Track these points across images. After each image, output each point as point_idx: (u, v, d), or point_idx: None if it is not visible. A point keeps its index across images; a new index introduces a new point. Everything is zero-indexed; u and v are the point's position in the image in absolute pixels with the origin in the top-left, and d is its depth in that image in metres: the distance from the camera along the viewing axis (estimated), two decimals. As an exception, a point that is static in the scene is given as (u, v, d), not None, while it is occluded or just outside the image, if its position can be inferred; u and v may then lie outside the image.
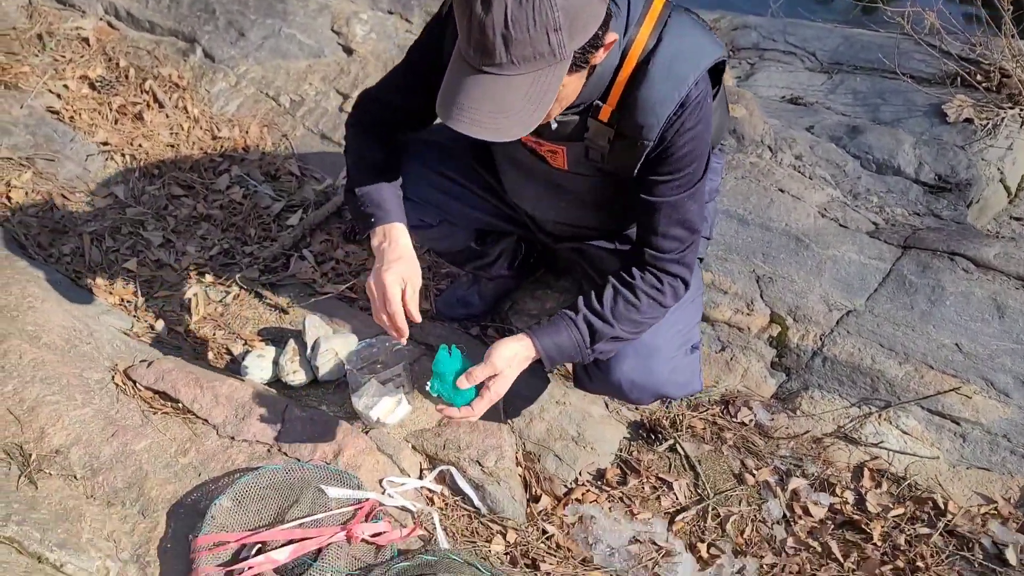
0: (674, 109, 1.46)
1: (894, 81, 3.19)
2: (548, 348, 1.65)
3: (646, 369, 1.78)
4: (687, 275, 1.69)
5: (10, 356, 1.93)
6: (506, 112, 1.29)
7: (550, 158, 1.70)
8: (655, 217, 1.60)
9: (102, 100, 3.03)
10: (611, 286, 1.67)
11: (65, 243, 2.52)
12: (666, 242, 1.63)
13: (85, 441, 1.83)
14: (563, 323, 1.66)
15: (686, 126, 1.49)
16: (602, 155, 1.59)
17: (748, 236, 2.52)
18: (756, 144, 2.80)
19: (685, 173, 1.55)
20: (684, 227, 1.62)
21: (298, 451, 1.90)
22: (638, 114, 1.47)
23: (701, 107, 1.49)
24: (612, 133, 1.54)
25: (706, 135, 1.54)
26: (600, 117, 1.53)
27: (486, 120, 1.29)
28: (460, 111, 1.29)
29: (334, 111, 3.06)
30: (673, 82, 1.45)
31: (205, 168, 2.89)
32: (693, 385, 1.90)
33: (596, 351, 1.68)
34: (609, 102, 1.50)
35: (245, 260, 2.57)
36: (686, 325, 1.86)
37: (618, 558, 1.89)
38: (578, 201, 1.80)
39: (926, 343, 2.24)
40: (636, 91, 1.46)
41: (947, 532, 1.94)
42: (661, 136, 1.49)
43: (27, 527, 1.63)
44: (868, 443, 2.12)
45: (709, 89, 1.52)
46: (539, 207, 1.90)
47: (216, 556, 1.61)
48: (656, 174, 1.56)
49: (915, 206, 2.67)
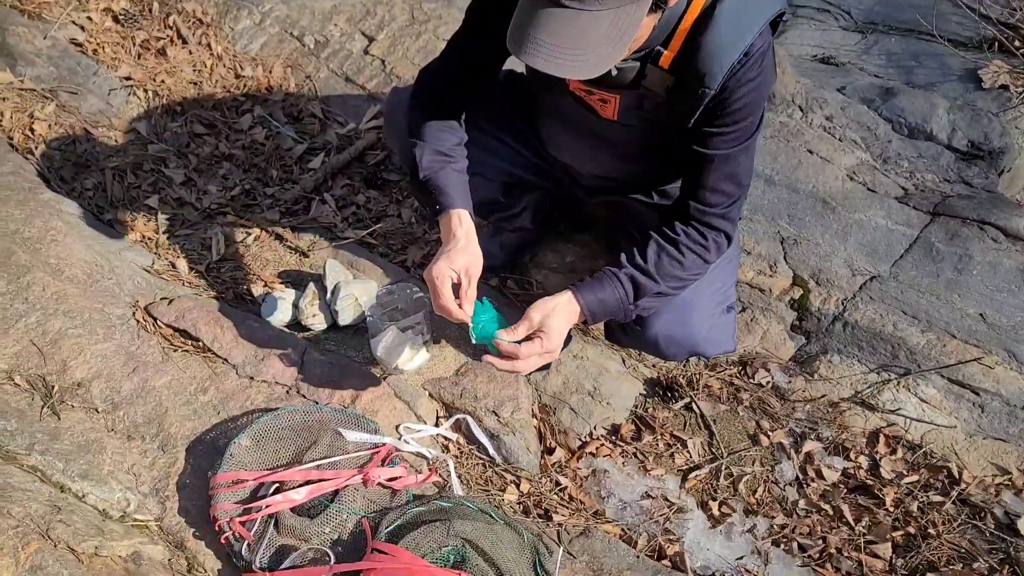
0: (738, 58, 1.43)
1: (930, 43, 3.12)
2: (591, 304, 1.63)
3: (683, 325, 1.77)
4: (731, 230, 1.67)
5: (33, 288, 1.94)
6: (585, 49, 1.26)
7: (599, 108, 1.67)
8: (705, 170, 1.58)
9: (125, 34, 3.00)
10: (654, 241, 1.65)
11: (88, 177, 2.51)
12: (714, 196, 1.61)
13: (106, 375, 1.84)
14: (607, 279, 1.64)
15: (747, 76, 1.46)
16: (657, 104, 1.56)
17: (774, 196, 2.49)
18: (786, 103, 2.75)
19: (741, 126, 1.53)
20: (733, 181, 1.60)
21: (316, 394, 1.91)
22: (701, 61, 1.44)
23: (763, 58, 1.46)
24: (672, 80, 1.51)
25: (764, 88, 1.51)
26: (661, 63, 1.49)
27: (563, 57, 1.25)
28: (536, 45, 1.25)
29: (359, 53, 3.01)
30: (738, 31, 1.42)
31: (228, 107, 2.86)
32: (727, 345, 1.90)
33: (639, 307, 1.67)
34: (671, 48, 1.47)
35: (266, 201, 2.56)
36: (724, 284, 1.85)
37: (630, 512, 1.90)
38: (621, 153, 1.78)
39: (950, 312, 2.22)
40: (700, 37, 1.43)
41: (960, 501, 1.94)
42: (723, 85, 1.46)
43: (50, 457, 1.66)
44: (885, 410, 2.11)
45: (771, 41, 1.49)
46: (578, 159, 1.88)
47: (234, 493, 1.63)
48: (711, 125, 1.53)
49: (946, 172, 2.62)
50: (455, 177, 1.71)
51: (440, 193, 1.68)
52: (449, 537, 1.55)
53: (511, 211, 2.15)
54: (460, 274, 1.61)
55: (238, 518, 1.58)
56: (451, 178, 1.69)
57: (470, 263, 1.63)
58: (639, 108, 1.61)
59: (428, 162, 1.71)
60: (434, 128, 1.74)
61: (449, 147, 1.74)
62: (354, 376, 1.95)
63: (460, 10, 3.06)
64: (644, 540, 1.84)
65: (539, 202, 2.19)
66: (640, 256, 1.65)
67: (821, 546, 1.85)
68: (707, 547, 1.86)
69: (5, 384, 1.78)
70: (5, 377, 1.79)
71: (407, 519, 1.60)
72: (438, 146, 1.73)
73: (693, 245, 1.64)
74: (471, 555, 1.53)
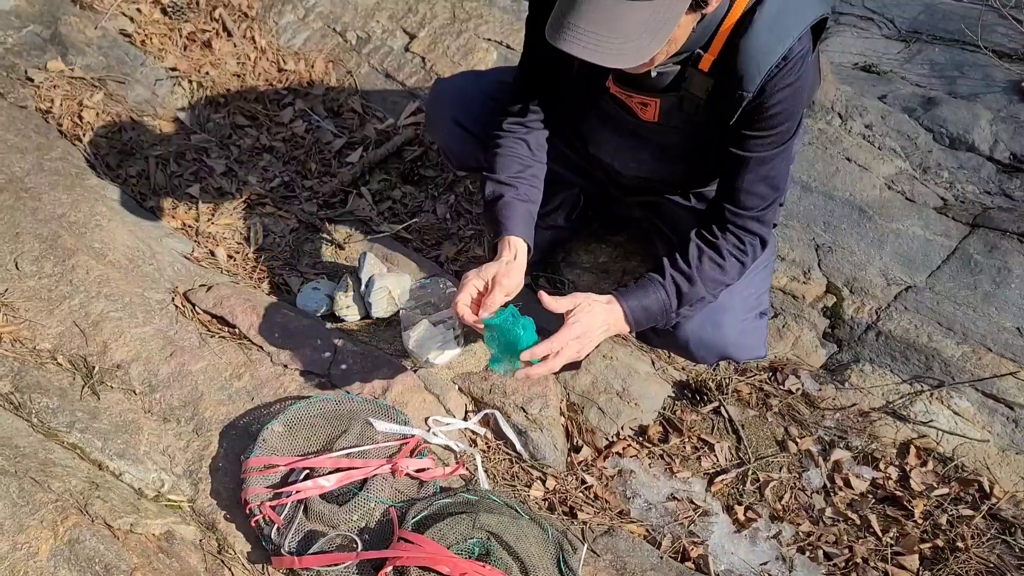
0: (776, 61, 1.43)
1: (974, 54, 3.08)
2: (635, 311, 1.62)
3: (715, 328, 1.77)
4: (766, 234, 1.67)
5: (78, 271, 1.99)
6: (624, 38, 1.26)
7: (639, 111, 1.68)
8: (741, 172, 1.58)
9: (173, 26, 3.06)
10: (695, 246, 1.64)
11: (132, 165, 2.57)
12: (748, 198, 1.61)
13: (145, 358, 1.89)
14: (651, 285, 1.63)
15: (785, 81, 1.46)
16: (697, 107, 1.57)
17: (810, 203, 2.48)
18: (826, 110, 2.73)
19: (778, 130, 1.53)
20: (768, 184, 1.60)
21: (348, 384, 1.94)
22: (740, 64, 1.45)
23: (802, 63, 1.46)
24: (711, 83, 1.51)
25: (803, 93, 1.51)
26: (701, 66, 1.50)
27: (600, 44, 1.26)
28: (574, 32, 1.26)
29: (399, 50, 3.05)
30: (777, 34, 1.42)
31: (270, 100, 2.91)
32: (758, 350, 1.89)
33: (680, 314, 1.67)
34: (711, 51, 1.48)
35: (304, 194, 2.60)
36: (757, 289, 1.85)
37: (655, 513, 1.91)
38: (661, 154, 1.78)
39: (986, 325, 2.19)
40: (739, 40, 1.44)
41: (990, 515, 1.92)
42: (760, 88, 1.46)
43: (89, 435, 1.70)
44: (917, 421, 2.09)
45: (811, 46, 1.49)
46: (619, 158, 1.88)
47: (265, 478, 1.66)
48: (749, 128, 1.54)
49: (987, 184, 2.59)
50: (513, 206, 1.71)
51: (496, 222, 1.70)
52: (475, 530, 1.57)
53: (545, 209, 2.15)
54: (487, 282, 1.61)
55: (268, 502, 1.61)
56: (509, 208, 1.71)
57: (500, 275, 1.61)
58: (679, 110, 1.61)
59: (489, 191, 1.74)
60: (500, 156, 1.77)
61: (510, 175, 1.75)
62: (385, 368, 1.97)
63: (501, 9, 3.10)
64: (668, 541, 1.84)
65: (573, 200, 2.20)
66: (683, 260, 1.64)
67: (847, 555, 1.84)
68: (731, 551, 1.85)
69: (48, 363, 1.83)
70: (49, 356, 1.84)
71: (433, 510, 1.62)
72: (500, 175, 1.75)
73: (733, 250, 1.63)
74: (495, 548, 1.55)
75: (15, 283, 1.94)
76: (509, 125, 1.81)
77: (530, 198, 1.76)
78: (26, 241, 2.03)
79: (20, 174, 2.22)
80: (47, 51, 2.76)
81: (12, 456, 1.54)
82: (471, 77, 2.14)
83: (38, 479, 1.50)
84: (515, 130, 1.80)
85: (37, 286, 1.95)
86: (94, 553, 1.43)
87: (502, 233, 1.68)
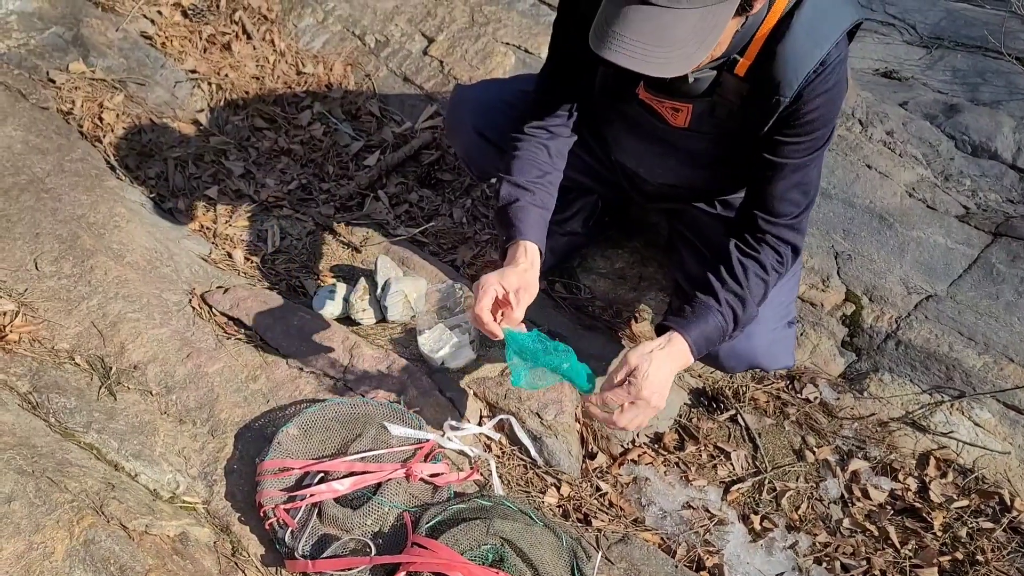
0: (814, 67, 1.42)
1: (996, 61, 3.05)
2: (698, 342, 1.57)
3: (747, 338, 1.74)
4: (799, 242, 1.65)
5: (96, 272, 2.00)
6: (669, 46, 1.24)
7: (670, 116, 1.66)
8: (775, 179, 1.57)
9: (193, 28, 3.08)
10: (738, 261, 1.60)
11: (151, 167, 2.58)
12: (783, 205, 1.59)
13: (162, 359, 1.89)
14: (708, 313, 1.58)
15: (823, 87, 1.45)
16: (730, 112, 1.56)
17: (830, 210, 2.46)
18: (846, 117, 2.71)
19: (813, 136, 1.52)
20: (801, 191, 1.58)
21: (363, 387, 1.93)
22: (777, 69, 1.43)
23: (839, 69, 1.45)
24: (747, 89, 1.50)
25: (839, 100, 1.50)
26: (736, 71, 1.49)
27: (647, 54, 1.24)
28: (620, 42, 1.24)
29: (418, 54, 3.05)
30: (815, 40, 1.41)
31: (288, 103, 2.92)
32: (786, 360, 1.87)
33: (734, 336, 1.64)
34: (747, 56, 1.47)
35: (322, 196, 2.61)
36: (786, 298, 1.83)
37: (670, 521, 1.89)
38: (690, 161, 1.77)
39: (1009, 335, 2.16)
40: (776, 46, 1.42)
41: (1011, 528, 1.90)
42: (797, 95, 1.45)
43: (106, 436, 1.71)
44: (937, 432, 2.07)
45: (847, 52, 1.48)
46: (645, 164, 1.87)
47: (280, 481, 1.66)
48: (783, 135, 1.52)
49: (1009, 192, 2.56)
50: (529, 211, 1.69)
51: (510, 225, 1.68)
52: (488, 536, 1.56)
53: (563, 214, 2.15)
54: (509, 292, 1.58)
55: (283, 505, 1.61)
56: (525, 212, 1.68)
57: (522, 286, 1.59)
58: (712, 116, 1.60)
59: (505, 193, 1.72)
60: (519, 159, 1.75)
61: (528, 179, 1.73)
62: (401, 372, 1.97)
63: (520, 13, 3.10)
64: (683, 550, 1.83)
65: (591, 207, 2.19)
66: (732, 280, 1.59)
67: (865, 567, 1.82)
68: (747, 561, 1.84)
69: (66, 363, 1.84)
70: (67, 356, 1.85)
71: (447, 515, 1.62)
72: (518, 179, 1.72)
73: (774, 262, 1.61)
74: (509, 555, 1.54)
75: (35, 283, 1.96)
76: (531, 129, 1.78)
77: (545, 205, 1.74)
78: (46, 241, 2.04)
79: (41, 175, 2.24)
80: (69, 53, 2.78)
81: (29, 456, 1.55)
82: (492, 86, 2.14)
83: (55, 479, 1.51)
84: (537, 134, 1.78)
85: (56, 286, 1.96)
86: (109, 554, 1.43)
87: (516, 237, 1.66)
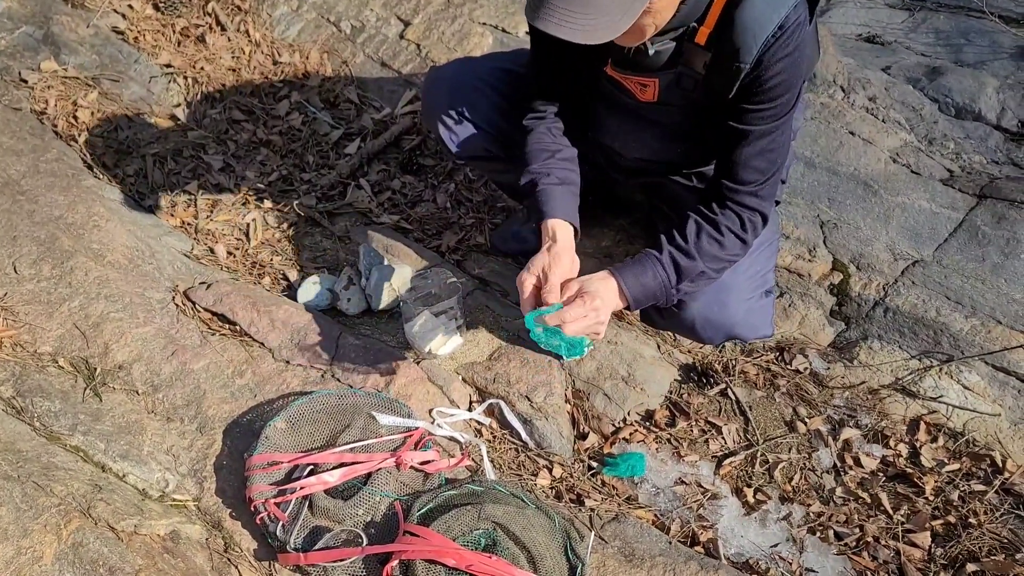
0: (772, 31, 1.42)
1: (980, 20, 3.03)
2: (632, 288, 1.62)
3: (721, 307, 1.76)
4: (766, 209, 1.65)
5: (76, 273, 1.98)
6: (595, 14, 1.27)
7: (639, 92, 1.67)
8: (738, 146, 1.57)
9: (166, 21, 3.04)
10: (693, 221, 1.64)
11: (129, 164, 2.56)
12: (746, 173, 1.59)
13: (147, 358, 1.88)
14: (647, 261, 1.64)
15: (783, 51, 1.44)
16: (696, 82, 1.56)
17: (814, 179, 2.45)
18: (828, 84, 2.69)
19: (777, 103, 1.51)
20: (766, 158, 1.58)
21: (351, 378, 1.93)
22: (736, 36, 1.43)
23: (799, 32, 1.44)
24: (708, 57, 1.50)
25: (801, 63, 1.49)
26: (697, 40, 1.49)
27: (573, 20, 1.27)
28: (548, 9, 1.27)
29: (394, 38, 3.02)
30: (772, 4, 1.41)
31: (265, 93, 2.89)
32: (764, 329, 1.88)
33: (680, 291, 1.66)
34: (707, 23, 1.47)
35: (303, 187, 2.59)
36: (762, 267, 1.83)
37: (663, 498, 1.89)
38: (663, 133, 1.77)
39: (995, 297, 2.16)
40: (734, 11, 1.42)
41: (1003, 490, 1.90)
42: (758, 60, 1.45)
43: (92, 437, 1.70)
44: (926, 397, 2.07)
45: (807, 15, 1.47)
46: (620, 140, 1.87)
47: (269, 475, 1.66)
48: (747, 101, 1.52)
49: (994, 154, 2.55)
50: (546, 191, 1.74)
51: (533, 210, 1.74)
52: (480, 521, 1.56)
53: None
54: (538, 276, 1.63)
55: (273, 499, 1.61)
56: (543, 194, 1.73)
57: (547, 265, 1.64)
58: (678, 87, 1.60)
59: (524, 180, 1.78)
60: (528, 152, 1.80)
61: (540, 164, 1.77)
62: (388, 360, 1.96)
63: (495, -7, 3.06)
64: (677, 526, 1.83)
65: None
66: (680, 236, 1.64)
67: (858, 534, 1.83)
68: (741, 534, 1.84)
69: (49, 366, 1.82)
70: (49, 359, 1.84)
71: (439, 502, 1.61)
72: (532, 167, 1.77)
73: (731, 225, 1.62)
74: (502, 539, 1.54)
75: (14, 287, 1.94)
76: (529, 122, 1.83)
77: (566, 180, 1.77)
78: (24, 244, 2.02)
79: (16, 176, 2.21)
80: (40, 51, 2.74)
81: (14, 461, 1.54)
82: (466, 64, 2.13)
83: (41, 483, 1.50)
84: (534, 125, 1.83)
85: (36, 289, 1.95)
86: (98, 556, 1.42)
87: (539, 219, 1.71)
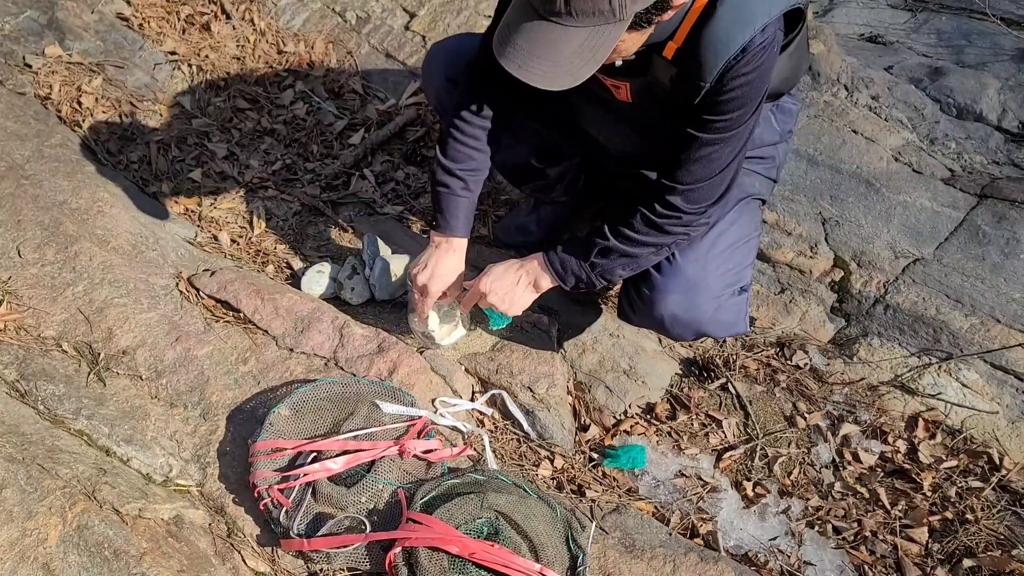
0: (735, 52, 1.41)
1: (982, 22, 3.04)
2: (553, 260, 1.73)
3: (690, 304, 1.76)
4: (688, 211, 1.63)
5: (81, 258, 1.99)
6: (556, 62, 1.30)
7: (615, 92, 1.68)
8: (682, 147, 1.57)
9: (171, 9, 3.04)
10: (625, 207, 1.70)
11: (133, 151, 2.55)
12: (681, 172, 1.59)
13: (150, 344, 1.88)
14: (572, 239, 1.75)
15: (743, 71, 1.44)
16: (664, 91, 1.56)
17: (816, 177, 2.46)
18: (831, 82, 2.70)
19: (729, 117, 1.51)
20: (704, 164, 1.57)
21: (354, 366, 1.93)
22: (700, 54, 1.44)
23: (763, 54, 1.44)
24: (675, 71, 1.50)
25: (760, 84, 1.48)
26: (665, 54, 1.49)
27: (535, 65, 1.30)
28: (514, 51, 1.31)
29: (399, 29, 3.02)
30: (739, 25, 1.40)
31: (270, 82, 2.89)
32: (738, 327, 1.87)
33: (596, 266, 1.70)
34: (676, 39, 1.47)
35: (307, 176, 2.59)
36: (736, 265, 1.82)
37: (663, 490, 1.91)
38: (642, 131, 1.78)
39: (995, 296, 2.17)
40: (702, 30, 1.42)
41: (1000, 487, 1.92)
42: (718, 78, 1.45)
43: (96, 422, 1.70)
44: (925, 394, 2.08)
45: (778, 36, 1.46)
46: (604, 133, 1.89)
47: (273, 461, 1.66)
48: (705, 112, 1.52)
49: (995, 154, 2.56)
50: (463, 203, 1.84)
51: (438, 211, 1.85)
52: (483, 509, 1.57)
53: (546, 179, 2.13)
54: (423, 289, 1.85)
55: (277, 485, 1.61)
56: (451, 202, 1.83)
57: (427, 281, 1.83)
58: (650, 93, 1.61)
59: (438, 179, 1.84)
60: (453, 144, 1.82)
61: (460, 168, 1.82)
62: (391, 350, 1.97)
63: (501, -14, 3.06)
64: (677, 518, 1.84)
65: (574, 173, 2.18)
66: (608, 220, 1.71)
67: (856, 529, 1.84)
68: (740, 527, 1.85)
69: (54, 351, 1.83)
70: (54, 344, 1.84)
71: (442, 491, 1.62)
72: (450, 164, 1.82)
73: (649, 212, 1.64)
74: (504, 527, 1.55)
75: (18, 271, 1.94)
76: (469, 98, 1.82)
77: (473, 191, 1.86)
78: (28, 228, 2.02)
79: (20, 161, 2.21)
80: (44, 37, 2.74)
81: (19, 443, 1.54)
82: (465, 37, 2.13)
83: (45, 466, 1.51)
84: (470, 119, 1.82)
85: (40, 273, 1.95)
86: (103, 538, 1.43)
87: (443, 230, 1.84)
